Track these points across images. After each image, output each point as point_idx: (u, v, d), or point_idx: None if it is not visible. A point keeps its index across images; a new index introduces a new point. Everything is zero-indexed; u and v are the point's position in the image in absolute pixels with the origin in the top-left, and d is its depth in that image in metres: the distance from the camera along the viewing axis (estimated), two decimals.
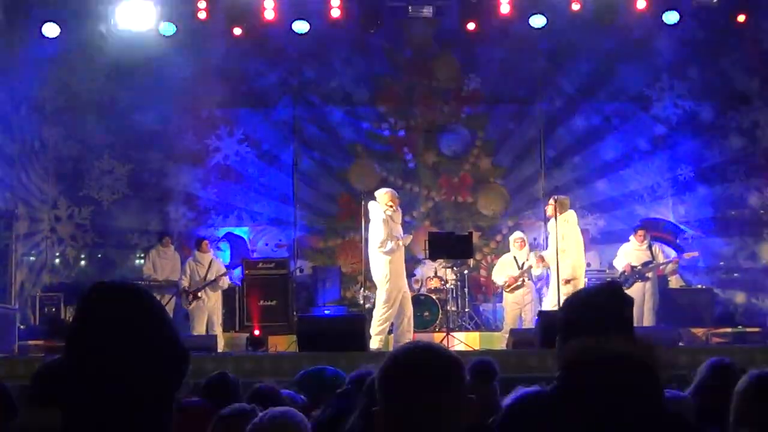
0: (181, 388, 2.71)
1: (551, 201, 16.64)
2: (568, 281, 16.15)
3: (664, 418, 3.43)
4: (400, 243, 15.33)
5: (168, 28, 19.44)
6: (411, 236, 16.04)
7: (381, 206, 15.25)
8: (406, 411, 2.89)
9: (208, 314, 17.43)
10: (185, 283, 17.46)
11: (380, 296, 15.17)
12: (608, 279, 18.79)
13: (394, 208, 15.27)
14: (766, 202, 20.84)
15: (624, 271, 17.51)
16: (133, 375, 2.57)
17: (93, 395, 2.57)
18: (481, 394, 3.70)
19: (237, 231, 20.85)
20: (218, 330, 17.42)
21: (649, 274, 17.44)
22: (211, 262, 17.61)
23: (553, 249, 16.32)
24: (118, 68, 20.60)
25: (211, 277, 17.42)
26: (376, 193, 15.65)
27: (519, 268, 17.71)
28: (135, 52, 20.23)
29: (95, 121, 20.84)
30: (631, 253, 17.63)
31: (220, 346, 16.73)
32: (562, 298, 15.87)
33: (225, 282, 17.77)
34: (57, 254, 20.90)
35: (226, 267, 18.42)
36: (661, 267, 17.80)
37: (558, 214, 16.26)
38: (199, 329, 17.24)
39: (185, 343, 2.78)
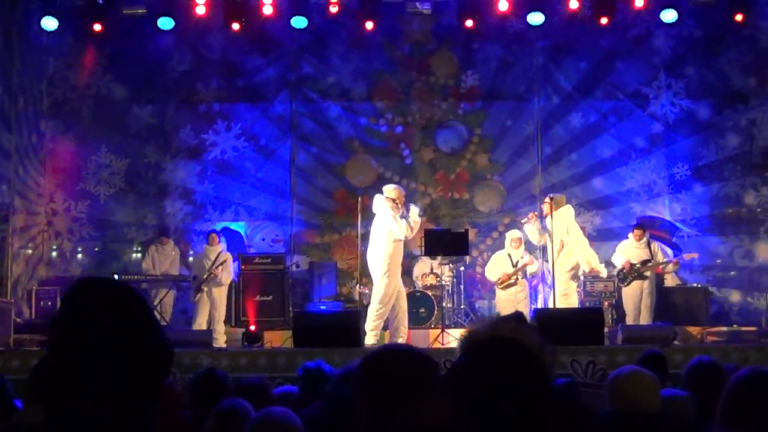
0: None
1: (546, 199, 16.68)
2: (592, 272, 16.29)
3: (550, 396, 3.56)
4: (411, 223, 15.27)
5: (166, 23, 19.52)
6: (419, 211, 15.84)
7: (385, 202, 15.22)
8: (381, 413, 2.93)
9: (211, 309, 17.45)
10: (194, 275, 17.57)
11: (377, 293, 15.17)
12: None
13: (398, 205, 15.26)
14: (762, 200, 20.83)
15: (623, 268, 17.55)
16: (115, 371, 2.57)
17: (74, 390, 2.58)
18: None
19: (233, 226, 20.82)
20: (220, 327, 17.39)
21: (647, 273, 17.47)
22: (218, 255, 17.60)
23: (551, 246, 16.33)
24: (115, 62, 20.72)
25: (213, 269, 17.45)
26: (385, 188, 15.64)
27: (513, 266, 17.74)
28: (133, 45, 20.39)
29: (92, 115, 20.90)
30: (630, 250, 17.66)
31: (221, 342, 16.76)
32: (563, 293, 15.97)
33: (226, 277, 17.68)
34: (53, 248, 20.90)
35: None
36: (660, 266, 17.85)
37: (553, 211, 16.28)
38: (201, 324, 17.29)
39: (172, 339, 2.79)
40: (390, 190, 15.51)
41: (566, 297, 16.11)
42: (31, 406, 4.17)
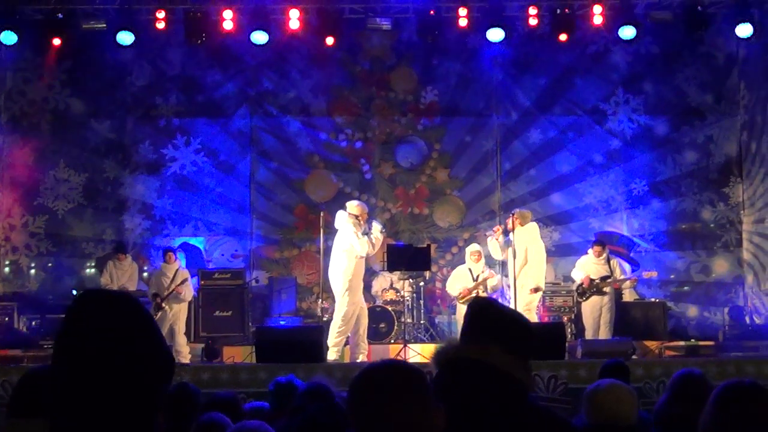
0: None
1: (513, 214, 16.75)
2: (536, 290, 16.36)
3: (529, 411, 3.63)
4: (373, 240, 15.32)
5: (126, 37, 19.42)
6: (380, 228, 15.87)
7: (348, 218, 15.24)
8: (376, 429, 2.94)
9: (170, 324, 17.28)
10: (151, 292, 17.42)
11: (339, 310, 15.18)
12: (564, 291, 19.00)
13: (361, 222, 15.30)
14: (718, 216, 21.03)
15: (582, 283, 17.61)
16: (121, 382, 2.57)
17: (81, 402, 2.57)
18: None
19: (193, 241, 20.76)
20: (182, 339, 17.20)
21: (606, 289, 17.53)
22: (176, 273, 17.48)
23: (513, 261, 16.39)
24: (74, 76, 20.63)
25: (173, 286, 17.31)
26: (348, 204, 15.67)
27: (474, 280, 17.76)
28: (92, 60, 20.32)
29: (51, 130, 20.80)
30: (589, 265, 17.70)
31: (185, 356, 16.61)
32: (525, 307, 16.04)
33: (187, 294, 17.54)
34: (7, 263, 20.74)
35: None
36: (618, 282, 17.91)
37: (519, 226, 16.37)
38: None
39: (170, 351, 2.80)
40: (353, 206, 15.54)
41: (527, 311, 16.18)
42: (14, 420, 4.12)
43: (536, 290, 16.47)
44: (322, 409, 5.41)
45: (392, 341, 17.97)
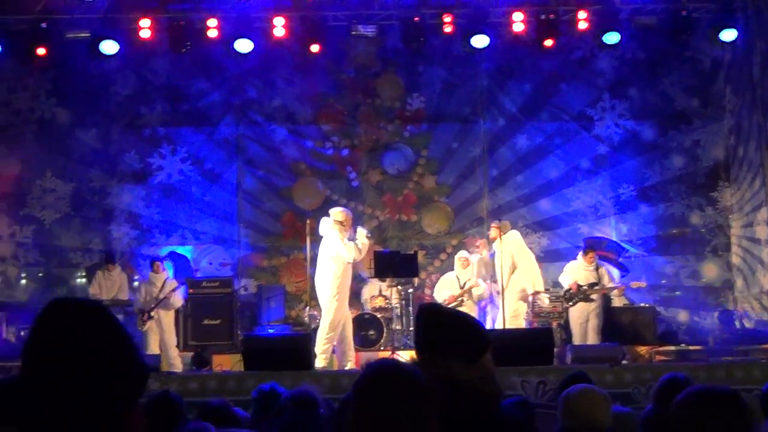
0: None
1: (493, 225, 16.75)
2: (536, 293, 16.38)
3: (499, 421, 3.62)
4: (359, 245, 15.27)
5: (110, 47, 19.35)
6: (366, 234, 15.79)
7: (333, 225, 15.19)
8: (377, 428, 2.91)
9: (161, 335, 17.28)
10: (139, 303, 17.39)
11: (326, 318, 15.12)
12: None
13: (346, 228, 15.25)
14: (707, 220, 21.02)
15: (570, 289, 17.54)
16: (90, 390, 2.53)
17: (50, 412, 2.53)
18: None
19: (180, 250, 20.68)
20: (173, 352, 17.23)
21: (593, 296, 17.45)
22: (164, 283, 17.47)
23: (500, 271, 16.39)
24: (59, 86, 20.57)
25: (162, 296, 17.30)
26: (331, 211, 15.63)
27: (460, 288, 17.73)
28: (77, 69, 20.25)
29: (37, 140, 20.74)
30: (578, 271, 17.62)
31: (178, 366, 16.61)
32: (512, 314, 16.02)
33: (177, 300, 17.58)
34: None
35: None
36: (605, 290, 17.83)
37: (502, 234, 16.37)
38: (153, 349, 17.13)
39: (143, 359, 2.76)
40: (337, 213, 15.49)
41: (515, 318, 16.17)
42: None
43: (536, 294, 16.51)
44: (303, 419, 5.38)
45: (381, 348, 17.93)
